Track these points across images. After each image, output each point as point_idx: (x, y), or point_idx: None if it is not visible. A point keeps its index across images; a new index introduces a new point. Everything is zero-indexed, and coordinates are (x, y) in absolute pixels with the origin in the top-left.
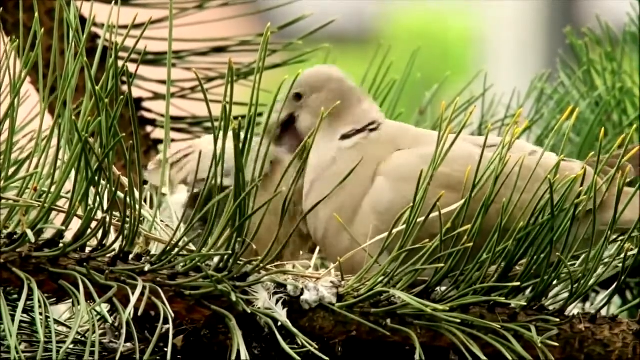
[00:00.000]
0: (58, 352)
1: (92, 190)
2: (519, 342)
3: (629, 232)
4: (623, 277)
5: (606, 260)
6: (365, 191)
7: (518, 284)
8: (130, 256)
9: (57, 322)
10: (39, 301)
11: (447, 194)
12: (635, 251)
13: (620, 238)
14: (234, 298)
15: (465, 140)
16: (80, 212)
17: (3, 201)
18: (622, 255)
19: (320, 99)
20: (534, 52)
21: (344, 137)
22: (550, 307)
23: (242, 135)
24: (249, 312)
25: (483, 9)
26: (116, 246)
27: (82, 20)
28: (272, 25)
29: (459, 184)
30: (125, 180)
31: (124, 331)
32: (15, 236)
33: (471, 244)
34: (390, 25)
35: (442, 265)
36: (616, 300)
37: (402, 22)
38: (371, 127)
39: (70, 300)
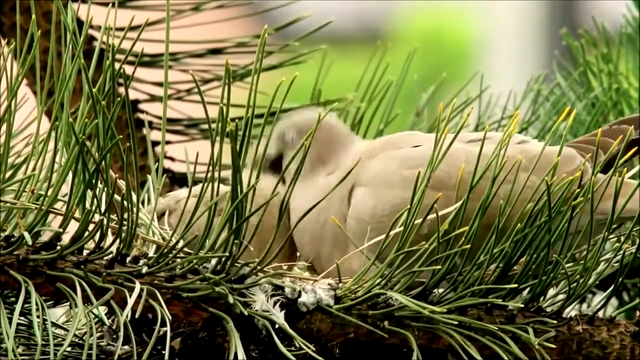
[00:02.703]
0: (55, 354)
1: (90, 192)
2: (516, 344)
3: (629, 231)
4: (620, 279)
5: (606, 257)
6: (341, 207)
7: (515, 285)
8: (128, 259)
9: (54, 324)
10: (37, 304)
11: (431, 194)
12: (634, 249)
13: (616, 237)
14: (231, 300)
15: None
16: (77, 214)
17: (1, 204)
18: (620, 256)
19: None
20: (533, 54)
21: (329, 174)
22: (548, 309)
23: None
24: (247, 314)
25: (483, 11)
26: (113, 249)
27: (79, 22)
28: (270, 27)
29: (441, 183)
30: (122, 183)
31: (121, 334)
32: (12, 239)
33: (468, 246)
34: (395, 26)
35: (439, 267)
36: (613, 301)
37: (407, 23)
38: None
39: (68, 303)
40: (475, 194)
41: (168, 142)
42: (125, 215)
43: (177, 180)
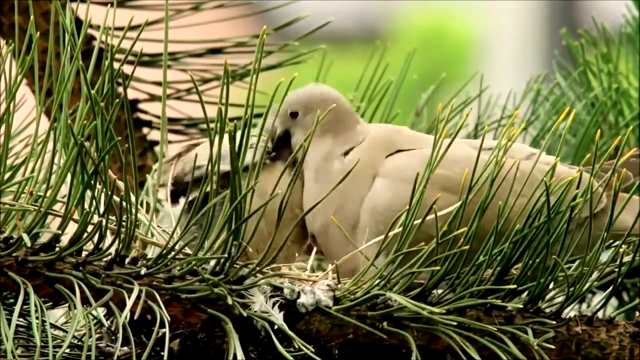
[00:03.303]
0: (54, 356)
1: (88, 193)
2: (515, 344)
3: (625, 235)
4: (619, 280)
5: (603, 261)
6: (364, 193)
7: (514, 286)
8: (127, 260)
9: (53, 326)
10: (36, 305)
11: (446, 196)
12: (631, 255)
13: (617, 243)
14: (230, 301)
15: (465, 143)
16: (76, 216)
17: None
18: (619, 259)
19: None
20: (533, 54)
21: (345, 154)
22: (547, 310)
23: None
24: (246, 315)
25: (483, 11)
26: (112, 250)
27: (79, 21)
28: (269, 27)
29: (458, 187)
30: (121, 184)
31: (120, 335)
32: (11, 240)
33: (467, 247)
34: (394, 26)
35: (439, 268)
36: (613, 301)
37: (407, 22)
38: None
39: (67, 304)
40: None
41: (167, 142)
42: (124, 217)
43: None
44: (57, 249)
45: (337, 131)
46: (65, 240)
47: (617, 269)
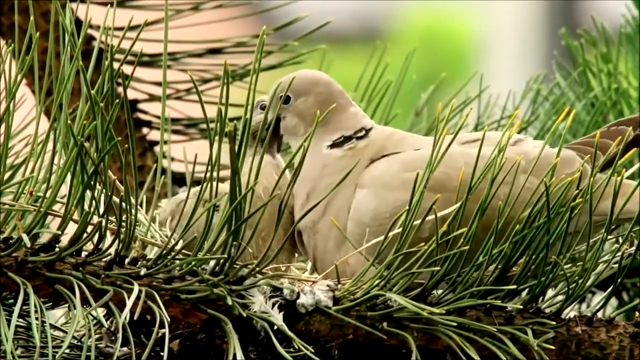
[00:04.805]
0: (54, 356)
1: (88, 194)
2: (515, 345)
3: (628, 232)
4: (620, 279)
5: (605, 259)
6: (350, 200)
7: (514, 286)
8: (126, 260)
9: (53, 326)
10: (35, 305)
11: (430, 195)
12: (632, 250)
13: (615, 237)
14: (229, 302)
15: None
16: (76, 216)
17: None
18: (619, 256)
19: (307, 103)
20: (533, 54)
21: (333, 145)
22: (547, 310)
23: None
24: (245, 315)
25: (483, 11)
26: (112, 250)
27: (78, 22)
28: (269, 27)
29: (440, 185)
30: (120, 184)
31: (120, 335)
32: (11, 241)
33: (467, 247)
34: (394, 26)
35: (438, 268)
36: (612, 301)
37: (407, 22)
38: (359, 134)
39: (66, 305)
40: (474, 196)
41: (166, 142)
42: (124, 217)
43: (175, 180)
44: (56, 249)
45: (329, 114)
46: (65, 240)
47: (616, 264)
